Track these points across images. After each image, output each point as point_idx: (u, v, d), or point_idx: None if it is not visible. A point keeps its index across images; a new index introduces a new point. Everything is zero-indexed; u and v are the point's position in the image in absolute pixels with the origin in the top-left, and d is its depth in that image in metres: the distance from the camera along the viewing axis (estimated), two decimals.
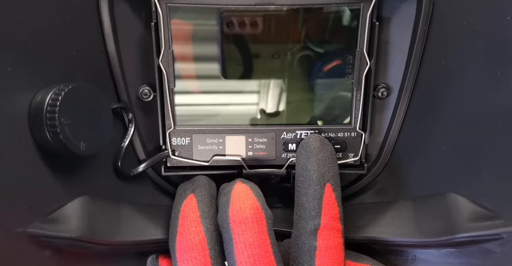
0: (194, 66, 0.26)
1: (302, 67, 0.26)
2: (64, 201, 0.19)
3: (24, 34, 0.17)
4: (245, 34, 0.26)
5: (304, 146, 0.24)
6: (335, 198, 0.22)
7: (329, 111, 0.27)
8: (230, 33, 0.25)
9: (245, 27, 0.25)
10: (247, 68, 0.26)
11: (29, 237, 0.16)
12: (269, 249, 0.20)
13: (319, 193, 0.22)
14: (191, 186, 0.24)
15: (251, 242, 0.20)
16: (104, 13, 0.23)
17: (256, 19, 0.25)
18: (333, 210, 0.22)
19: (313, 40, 0.26)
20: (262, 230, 0.20)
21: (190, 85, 0.27)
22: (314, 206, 0.22)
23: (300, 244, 0.22)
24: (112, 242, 0.20)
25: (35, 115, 0.17)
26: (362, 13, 0.25)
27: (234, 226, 0.20)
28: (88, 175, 0.21)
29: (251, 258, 0.20)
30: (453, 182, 0.21)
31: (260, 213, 0.21)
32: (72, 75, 0.21)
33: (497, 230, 0.17)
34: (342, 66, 0.26)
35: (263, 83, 0.27)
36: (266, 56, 0.26)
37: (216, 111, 0.27)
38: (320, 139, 0.24)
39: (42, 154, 0.18)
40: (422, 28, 0.24)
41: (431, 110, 0.24)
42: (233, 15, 0.25)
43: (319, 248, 0.21)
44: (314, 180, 0.22)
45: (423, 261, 0.22)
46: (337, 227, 0.22)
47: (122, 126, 0.26)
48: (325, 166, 0.23)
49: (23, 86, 0.17)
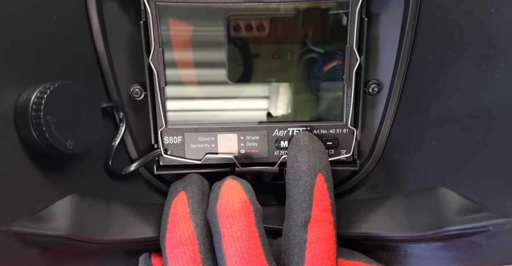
0: (188, 68, 0.26)
1: (300, 68, 0.26)
2: (52, 200, 0.19)
3: (8, 32, 0.17)
4: (246, 37, 0.25)
5: (294, 141, 0.24)
6: (327, 189, 0.22)
7: (321, 108, 0.27)
8: (232, 36, 0.25)
9: (241, 29, 0.25)
10: (243, 70, 0.26)
11: (14, 235, 0.16)
12: (258, 242, 0.20)
13: (310, 184, 0.22)
14: (183, 184, 0.25)
15: (239, 235, 0.20)
16: (92, 12, 0.23)
17: (251, 20, 0.25)
18: (325, 201, 0.22)
19: (310, 40, 0.26)
20: (250, 223, 0.20)
21: (181, 85, 0.27)
22: (305, 198, 0.22)
23: (291, 236, 0.22)
24: (101, 241, 0.20)
25: (21, 113, 0.17)
26: (351, 9, 0.25)
27: (222, 220, 0.20)
28: (78, 174, 0.21)
29: (239, 251, 0.20)
30: (443, 176, 0.21)
31: (248, 206, 0.20)
32: (60, 74, 0.21)
33: (483, 222, 0.17)
34: (334, 65, 0.26)
35: (257, 83, 0.27)
36: (265, 57, 0.26)
37: (208, 110, 0.27)
38: (310, 135, 0.25)
39: (28, 152, 0.18)
40: (411, 24, 0.24)
41: (421, 105, 0.24)
42: (235, 18, 0.25)
43: (310, 240, 0.21)
44: (305, 171, 0.22)
45: (414, 256, 0.22)
46: (329, 218, 0.22)
47: (113, 125, 0.26)
48: (315, 157, 0.23)
49: (9, 84, 0.17)
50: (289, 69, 0.27)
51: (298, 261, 0.21)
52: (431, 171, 0.23)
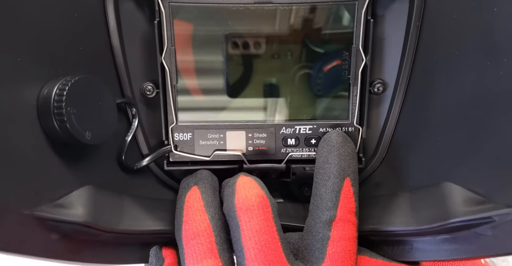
0: (195, 68, 0.27)
1: (303, 67, 0.27)
2: (70, 189, 0.19)
3: (34, 29, 0.18)
4: (247, 37, 0.26)
5: (326, 140, 0.25)
6: (353, 193, 0.23)
7: (327, 107, 0.28)
8: (233, 38, 0.26)
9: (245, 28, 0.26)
10: (248, 69, 0.27)
11: (36, 220, 0.16)
12: (276, 236, 0.21)
13: (338, 186, 0.23)
14: (194, 179, 0.25)
15: (258, 228, 0.20)
16: (110, 11, 0.24)
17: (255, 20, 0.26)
18: (350, 204, 0.23)
19: (312, 40, 0.27)
20: (268, 217, 0.21)
21: (192, 83, 0.27)
22: (331, 198, 0.22)
23: (314, 232, 0.22)
24: (115, 230, 0.21)
25: (43, 104, 0.18)
26: (357, 10, 0.26)
27: (240, 213, 0.21)
28: (93, 166, 0.22)
29: (258, 244, 0.20)
30: (448, 171, 0.22)
31: (266, 201, 0.21)
32: (78, 69, 0.21)
33: (488, 213, 0.17)
34: (340, 65, 0.27)
35: (263, 83, 0.27)
36: (267, 56, 0.27)
37: (217, 108, 0.28)
38: (343, 135, 0.25)
39: (50, 142, 0.19)
40: (415, 24, 0.25)
41: (426, 104, 0.25)
42: (236, 17, 0.26)
43: (333, 238, 0.21)
44: (334, 173, 0.23)
45: (420, 250, 0.22)
46: (352, 220, 0.22)
47: (126, 121, 0.27)
48: (346, 161, 0.23)
49: (32, 78, 0.18)
50: (297, 69, 0.27)
51: (318, 256, 0.21)
52: (436, 167, 0.23)
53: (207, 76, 0.27)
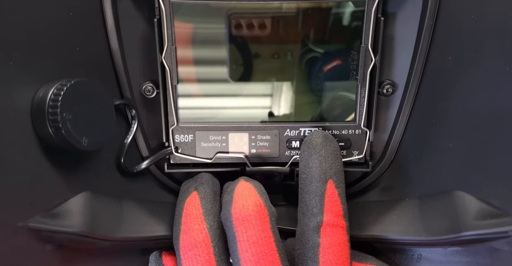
0: (196, 67, 0.26)
1: (307, 66, 0.26)
2: (66, 197, 0.19)
3: (25, 30, 0.17)
4: (249, 35, 0.25)
5: (307, 142, 0.24)
6: (338, 195, 0.22)
7: (334, 109, 0.27)
8: (236, 35, 0.25)
9: (249, 28, 0.25)
10: (249, 69, 0.26)
11: (31, 232, 0.16)
12: (273, 247, 0.20)
13: (321, 189, 0.22)
14: (194, 183, 0.24)
15: (255, 240, 0.20)
16: (107, 9, 0.23)
17: (260, 19, 0.25)
18: (336, 207, 0.22)
19: (318, 39, 0.25)
20: (266, 228, 0.20)
21: (193, 83, 0.27)
22: (316, 203, 0.22)
23: (304, 241, 0.22)
24: (114, 238, 0.20)
25: (37, 110, 0.17)
26: (367, 8, 0.25)
27: (237, 224, 0.20)
28: (91, 171, 0.21)
29: (255, 256, 0.19)
30: (460, 179, 0.21)
31: (263, 210, 0.20)
32: (75, 71, 0.21)
33: (504, 228, 0.16)
34: (346, 64, 0.26)
35: (267, 83, 0.27)
36: (268, 56, 0.26)
37: (219, 109, 0.27)
38: (323, 135, 0.24)
39: (44, 149, 0.18)
40: (429, 23, 0.24)
41: (438, 107, 0.24)
42: (240, 16, 0.25)
43: (323, 245, 0.21)
44: (316, 177, 0.22)
45: (429, 260, 0.22)
46: (341, 224, 0.22)
47: (125, 123, 0.26)
48: (327, 162, 0.22)
49: (25, 81, 0.17)
50: (304, 72, 0.26)
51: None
52: (447, 174, 0.22)
53: (209, 76, 0.26)
